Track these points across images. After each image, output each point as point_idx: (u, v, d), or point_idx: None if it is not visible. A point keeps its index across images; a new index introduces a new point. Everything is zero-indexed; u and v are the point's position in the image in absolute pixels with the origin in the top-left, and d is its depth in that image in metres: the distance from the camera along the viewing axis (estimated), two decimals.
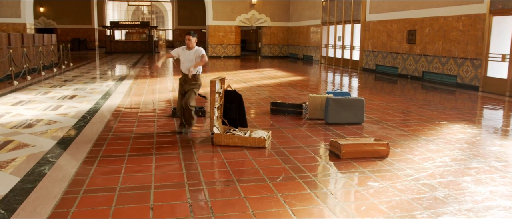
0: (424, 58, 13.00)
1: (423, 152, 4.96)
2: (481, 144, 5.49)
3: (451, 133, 6.02)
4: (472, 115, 7.70)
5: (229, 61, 22.03)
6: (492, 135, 6.07)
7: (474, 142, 5.53)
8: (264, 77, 13.65)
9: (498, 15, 10.13)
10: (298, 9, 24.71)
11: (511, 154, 5.05)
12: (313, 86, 12.28)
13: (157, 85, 11.03)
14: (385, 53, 15.31)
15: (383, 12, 15.40)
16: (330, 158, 4.65)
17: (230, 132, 5.24)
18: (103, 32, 35.27)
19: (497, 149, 5.27)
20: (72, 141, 5.21)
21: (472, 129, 6.39)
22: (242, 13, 25.28)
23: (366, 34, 16.69)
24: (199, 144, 5.15)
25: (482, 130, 6.40)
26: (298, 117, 6.95)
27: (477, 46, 10.76)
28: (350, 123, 6.43)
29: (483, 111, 8.14)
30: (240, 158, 4.61)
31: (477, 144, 5.44)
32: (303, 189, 3.68)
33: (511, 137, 5.95)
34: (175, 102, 8.38)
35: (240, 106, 5.46)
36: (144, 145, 5.07)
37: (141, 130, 5.90)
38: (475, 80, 10.86)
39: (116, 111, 7.27)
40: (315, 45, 22.27)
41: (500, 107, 8.46)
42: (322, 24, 20.89)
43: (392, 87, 11.62)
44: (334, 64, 19.51)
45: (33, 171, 4.07)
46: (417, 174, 4.12)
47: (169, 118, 6.76)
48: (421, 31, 13.09)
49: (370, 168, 4.29)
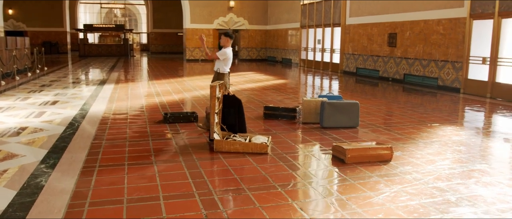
0: (405, 61, 13.22)
1: (424, 155, 4.98)
2: (477, 145, 5.57)
3: (446, 135, 6.09)
4: (460, 117, 7.85)
5: (207, 64, 21.82)
6: (486, 136, 6.18)
7: (470, 144, 5.61)
8: (247, 81, 13.56)
9: (478, 19, 10.40)
10: (276, 13, 24.76)
11: (508, 156, 5.14)
12: (298, 89, 12.29)
13: (140, 90, 10.77)
14: (366, 56, 15.50)
15: (363, 15, 15.59)
16: (335, 163, 4.60)
17: (231, 138, 5.12)
18: (75, 35, 34.38)
19: (494, 150, 5.36)
20: (65, 150, 4.97)
21: (464, 131, 6.49)
22: (220, 16, 25.13)
23: (346, 37, 16.86)
24: (198, 151, 5.01)
25: (473, 131, 6.51)
26: (292, 121, 6.89)
27: (457, 49, 11.02)
28: (345, 126, 6.42)
29: (471, 113, 8.31)
30: (244, 164, 4.50)
31: (473, 146, 5.52)
32: (317, 196, 3.61)
33: (504, 138, 6.07)
34: (163, 107, 8.18)
35: (240, 111, 5.35)
36: (142, 153, 4.89)
37: (134, 137, 5.70)
38: (456, 82, 11.11)
39: (104, 117, 7.01)
40: (294, 48, 22.35)
41: (485, 108, 8.66)
42: (301, 27, 20.99)
43: (376, 90, 11.75)
44: (313, 67, 19.62)
45: (29, 183, 3.83)
46: (424, 178, 4.12)
47: (161, 124, 6.57)
48: (402, 35, 13.31)
49: (377, 173, 4.26)
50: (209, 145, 5.29)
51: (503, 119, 7.67)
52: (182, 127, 6.29)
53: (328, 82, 14.15)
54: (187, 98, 9.42)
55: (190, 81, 12.99)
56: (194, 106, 8.39)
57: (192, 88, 11.28)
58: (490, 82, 10.08)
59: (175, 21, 34.38)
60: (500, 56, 9.87)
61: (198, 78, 14.09)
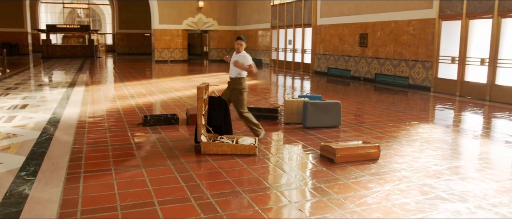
0: (376, 60, 13.51)
1: (409, 152, 5.08)
2: (457, 143, 5.75)
3: (425, 133, 6.24)
4: (435, 116, 8.10)
5: (178, 65, 21.54)
6: (464, 134, 6.38)
7: (449, 141, 5.78)
8: (222, 82, 13.45)
9: (446, 20, 10.76)
10: (246, 13, 24.75)
11: (488, 152, 5.32)
12: (273, 90, 12.32)
13: (113, 92, 10.47)
14: (337, 56, 15.73)
15: (334, 16, 15.81)
16: (324, 162, 4.61)
17: (218, 140, 5.04)
18: (36, 36, 33.11)
19: (474, 147, 5.54)
20: (44, 156, 4.74)
21: (441, 128, 6.69)
22: (189, 17, 24.86)
23: (318, 37, 17.05)
24: (185, 154, 4.91)
25: (450, 129, 6.72)
26: (273, 122, 6.88)
27: (427, 49, 11.36)
28: (327, 126, 6.47)
29: (444, 111, 8.57)
30: (234, 166, 4.44)
31: (454, 143, 5.69)
32: (314, 197, 3.60)
33: (481, 135, 6.29)
34: (140, 109, 7.99)
35: (226, 113, 5.28)
36: (127, 157, 4.74)
37: (116, 141, 5.52)
38: (426, 81, 11.45)
39: (80, 121, 6.76)
40: (264, 49, 22.41)
41: (456, 106, 8.96)
42: (272, 27, 21.07)
43: (349, 90, 11.93)
44: (285, 68, 19.72)
45: (11, 193, 3.63)
46: (413, 175, 4.20)
47: (141, 127, 6.40)
48: (373, 35, 13.59)
49: (368, 171, 4.30)
50: (195, 147, 5.19)
51: (475, 116, 7.96)
52: (164, 130, 6.15)
53: (301, 82, 14.26)
54: (163, 100, 9.24)
55: (163, 83, 12.75)
56: (172, 108, 8.23)
57: (166, 89, 11.08)
58: (459, 81, 10.45)
59: (142, 21, 33.72)
60: (468, 55, 10.24)
61: (170, 80, 13.86)
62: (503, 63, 9.40)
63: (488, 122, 7.43)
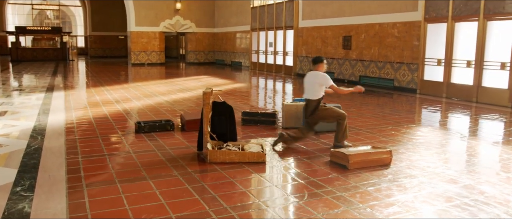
0: (361, 63, 13.55)
1: (418, 157, 5.00)
2: (461, 146, 5.73)
3: (427, 136, 6.21)
4: (431, 118, 8.12)
5: (155, 68, 21.08)
6: (465, 136, 6.37)
7: (454, 144, 5.75)
8: (206, 85, 13.17)
9: (432, 22, 10.87)
10: (224, 15, 24.49)
11: (501, 156, 5.30)
12: (261, 93, 12.15)
13: (96, 97, 10.03)
14: None
15: (316, 18, 15.79)
16: (336, 169, 4.46)
17: (224, 148, 4.82)
18: (3, 38, 31.80)
19: (478, 149, 5.52)
20: (38, 168, 4.39)
21: (441, 131, 6.70)
22: (166, 19, 24.38)
23: (299, 40, 17.00)
24: (190, 163, 4.66)
25: (449, 131, 6.72)
26: (271, 127, 6.70)
27: (412, 52, 11.44)
28: (328, 131, 6.33)
29: (438, 114, 8.60)
30: (246, 175, 4.23)
31: (458, 146, 5.66)
32: (338, 207, 3.43)
33: (482, 137, 6.30)
34: (130, 115, 7.65)
35: (231, 119, 5.06)
36: (129, 168, 4.44)
37: (113, 150, 5.20)
38: (412, 83, 11.53)
39: (68, 129, 6.37)
40: (244, 51, 22.22)
41: (448, 108, 9.02)
42: (252, 30, 20.90)
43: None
44: (266, 70, 19.59)
45: (10, 211, 3.30)
46: (430, 180, 4.10)
47: (135, 134, 6.09)
48: (357, 37, 13.62)
49: (384, 178, 4.18)
50: (198, 155, 4.95)
51: (468, 118, 8.03)
52: (160, 137, 5.86)
53: (287, 85, 14.14)
54: (151, 105, 8.90)
55: (146, 87, 12.36)
56: (162, 113, 7.92)
57: (152, 94, 10.72)
58: (445, 83, 10.56)
59: (116, 23, 32.91)
60: (454, 57, 10.37)
61: (153, 84, 13.46)
62: (489, 65, 9.55)
63: (482, 124, 7.48)
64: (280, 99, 10.59)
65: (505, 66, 9.18)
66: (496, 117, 7.87)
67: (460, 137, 6.27)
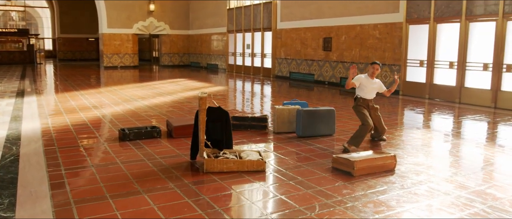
0: (341, 64, 13.48)
1: (420, 161, 4.86)
2: (458, 148, 5.64)
3: (422, 138, 6.11)
4: (421, 119, 8.06)
5: (129, 72, 20.46)
6: (458, 138, 6.30)
7: (451, 147, 5.65)
8: (185, 89, 12.80)
9: (414, 24, 10.89)
10: (199, 17, 24.09)
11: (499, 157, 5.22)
12: (243, 96, 11.87)
13: (72, 102, 9.50)
14: (300, 60, 15.59)
15: (295, 20, 15.66)
16: (341, 176, 4.25)
17: (221, 156, 4.52)
18: None
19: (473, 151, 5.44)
20: (16, 183, 3.97)
21: (434, 133, 6.62)
22: (140, 21, 23.77)
23: (278, 41, 16.83)
24: (185, 173, 4.34)
25: (444, 133, 6.65)
26: (263, 132, 6.44)
27: (394, 53, 11.45)
28: (322, 135, 6.14)
29: (427, 115, 8.57)
30: (249, 186, 3.96)
31: (459, 149, 5.56)
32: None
33: (478, 141, 6.24)
34: (111, 122, 7.24)
35: (227, 125, 4.77)
36: (119, 180, 4.08)
37: (98, 160, 4.82)
38: None
39: (46, 138, 5.91)
40: (220, 54, 21.89)
41: (434, 110, 9.02)
42: (228, 32, 20.60)
43: (313, 94, 11.75)
44: (243, 72, 19.33)
45: None
46: (440, 187, 3.94)
47: (120, 142, 5.70)
48: (337, 39, 13.56)
49: (392, 185, 3.99)
50: (192, 164, 4.64)
51: (456, 119, 8.02)
52: (147, 145, 5.51)
53: (268, 87, 13.91)
54: (131, 110, 8.48)
55: (123, 91, 11.87)
56: (144, 118, 7.54)
57: (131, 98, 10.27)
58: (428, 84, 10.59)
59: (87, 25, 31.92)
60: (436, 59, 10.41)
61: (130, 87, 12.97)
62: (471, 66, 9.62)
63: (471, 125, 7.46)
64: (267, 102, 10.35)
65: (488, 67, 9.27)
66: (483, 118, 7.89)
67: (455, 139, 6.20)
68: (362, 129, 5.35)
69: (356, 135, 5.34)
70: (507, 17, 8.85)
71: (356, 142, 5.30)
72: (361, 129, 5.36)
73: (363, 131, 5.33)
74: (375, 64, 5.63)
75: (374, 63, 5.66)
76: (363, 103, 5.64)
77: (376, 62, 5.68)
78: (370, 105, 5.67)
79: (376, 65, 5.63)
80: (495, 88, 9.10)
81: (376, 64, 5.64)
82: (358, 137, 5.31)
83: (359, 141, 5.31)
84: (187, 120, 6.30)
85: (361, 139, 5.32)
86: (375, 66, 5.61)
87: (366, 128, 5.33)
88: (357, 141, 5.30)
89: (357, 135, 5.34)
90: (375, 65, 5.63)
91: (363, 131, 5.33)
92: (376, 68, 5.62)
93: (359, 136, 5.32)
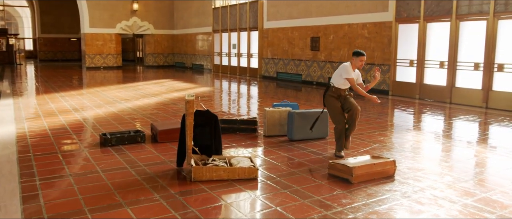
0: (330, 64, 13.28)
1: (420, 166, 4.64)
2: (459, 151, 5.44)
3: (418, 141, 5.91)
4: (413, 120, 7.88)
5: (112, 72, 19.95)
6: (454, 140, 6.11)
7: (450, 150, 5.46)
8: (170, 90, 12.43)
9: (404, 23, 10.73)
10: (184, 17, 23.67)
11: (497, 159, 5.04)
12: (230, 97, 11.57)
13: (51, 105, 9.06)
14: (287, 60, 15.34)
15: (282, 19, 15.41)
16: (338, 184, 3.99)
17: (210, 163, 4.22)
18: None
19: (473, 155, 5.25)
20: None
21: (429, 135, 6.42)
22: (123, 20, 23.23)
23: (265, 41, 16.56)
24: (171, 182, 4.03)
25: (439, 135, 6.46)
26: (252, 135, 6.16)
27: (384, 52, 11.28)
28: (315, 138, 5.88)
29: (418, 116, 8.40)
30: (241, 197, 3.66)
31: (457, 152, 5.37)
32: None
33: (468, 143, 6.06)
34: (92, 126, 6.86)
35: (216, 130, 4.46)
36: (100, 192, 3.74)
37: (77, 169, 4.46)
38: (383, 84, 11.36)
39: (21, 144, 5.52)
40: (206, 54, 21.53)
41: (425, 111, 8.85)
42: (214, 31, 20.25)
43: (301, 94, 11.52)
44: (229, 73, 19.01)
45: None
46: (445, 195, 3.71)
47: (101, 148, 5.35)
48: (325, 38, 13.35)
49: (394, 193, 3.75)
50: (178, 172, 4.33)
51: (451, 121, 7.86)
52: (130, 151, 5.17)
53: (255, 88, 13.62)
54: (114, 113, 8.09)
55: (105, 92, 11.45)
56: (128, 122, 7.18)
57: (113, 100, 9.87)
58: (418, 84, 10.45)
59: (68, 25, 31.16)
60: (427, 58, 10.27)
61: (113, 88, 12.54)
62: (462, 65, 9.49)
63: (465, 126, 7.30)
64: (254, 104, 10.06)
65: (479, 67, 9.15)
66: (476, 118, 7.75)
67: (451, 142, 6.00)
68: (336, 131, 5.01)
69: (336, 139, 5.03)
70: (498, 16, 8.73)
71: (340, 145, 5.00)
72: (335, 132, 5.02)
73: (337, 132, 4.99)
74: (363, 56, 5.00)
75: (362, 54, 5.01)
76: (335, 92, 5.11)
77: (363, 52, 5.03)
78: (342, 94, 5.15)
79: (364, 56, 5.02)
80: (487, 88, 8.98)
81: (364, 55, 5.02)
82: (338, 141, 5.00)
83: (341, 143, 4.99)
84: (173, 124, 5.97)
85: (341, 140, 4.99)
86: (362, 58, 5.00)
87: (339, 129, 4.97)
88: (340, 144, 5.00)
89: (336, 139, 5.02)
90: (363, 56, 5.00)
91: (338, 132, 4.99)
92: (364, 60, 5.05)
93: (339, 139, 4.99)
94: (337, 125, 5.00)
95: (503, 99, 8.76)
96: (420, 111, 8.72)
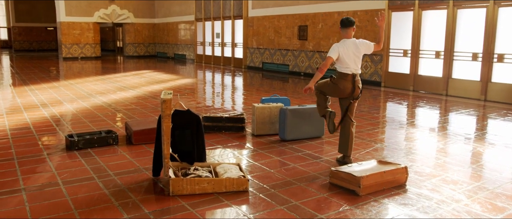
0: (318, 54, 12.69)
1: (429, 170, 4.08)
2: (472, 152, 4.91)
3: (422, 140, 5.38)
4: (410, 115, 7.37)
5: (90, 63, 19.01)
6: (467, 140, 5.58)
7: (459, 149, 4.93)
8: (150, 82, 11.68)
9: (397, 10, 10.18)
10: (165, 4, 22.74)
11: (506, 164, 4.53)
12: (214, 90, 10.90)
13: (17, 99, 8.25)
14: (273, 50, 14.69)
15: (268, 7, 14.72)
16: (344, 195, 3.40)
17: (192, 173, 3.57)
18: None
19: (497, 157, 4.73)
20: None
21: (431, 132, 5.90)
22: (101, 8, 22.19)
23: (250, 30, 15.86)
24: (145, 197, 3.38)
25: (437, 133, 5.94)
26: (240, 134, 5.53)
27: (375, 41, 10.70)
28: (310, 137, 5.29)
29: (417, 111, 7.88)
30: (228, 214, 3.04)
31: (470, 153, 4.84)
32: None
33: (480, 142, 5.54)
34: (59, 124, 6.13)
35: (198, 132, 3.81)
36: (56, 212, 3.07)
37: (33, 181, 3.77)
38: (375, 75, 10.84)
39: None
40: (188, 43, 20.72)
41: (422, 104, 8.34)
42: (196, 20, 19.44)
43: (288, 86, 10.92)
44: (213, 63, 18.28)
45: None
46: (471, 209, 3.17)
47: (67, 151, 4.65)
48: (314, 27, 12.73)
49: (410, 207, 3.18)
50: (155, 184, 3.68)
51: (450, 115, 7.36)
52: (100, 155, 4.49)
53: (240, 79, 12.95)
54: (87, 108, 7.36)
55: (80, 85, 10.64)
56: (101, 120, 6.46)
57: (87, 94, 9.09)
58: (412, 75, 9.94)
59: (45, 13, 29.79)
60: (422, 48, 9.75)
61: (89, 81, 11.72)
62: (459, 55, 9.00)
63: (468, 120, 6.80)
64: (239, 97, 9.41)
65: (477, 57, 8.67)
66: (478, 112, 7.27)
67: (458, 140, 5.47)
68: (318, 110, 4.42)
69: (327, 125, 4.34)
70: (498, 4, 8.24)
71: (332, 127, 4.31)
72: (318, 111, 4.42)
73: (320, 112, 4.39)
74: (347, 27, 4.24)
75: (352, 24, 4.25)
76: (343, 79, 4.33)
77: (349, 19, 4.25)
78: (354, 86, 4.33)
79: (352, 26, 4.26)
80: (485, 79, 8.52)
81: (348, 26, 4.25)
82: (329, 125, 4.31)
83: (332, 126, 4.30)
84: (150, 123, 5.29)
85: (332, 122, 4.29)
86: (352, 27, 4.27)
87: (319, 109, 4.43)
88: (332, 127, 4.30)
89: (327, 124, 4.34)
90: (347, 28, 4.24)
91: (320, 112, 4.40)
92: (353, 29, 4.33)
93: (330, 123, 4.29)
94: (318, 106, 4.45)
95: (502, 91, 8.30)
96: (416, 105, 8.20)
